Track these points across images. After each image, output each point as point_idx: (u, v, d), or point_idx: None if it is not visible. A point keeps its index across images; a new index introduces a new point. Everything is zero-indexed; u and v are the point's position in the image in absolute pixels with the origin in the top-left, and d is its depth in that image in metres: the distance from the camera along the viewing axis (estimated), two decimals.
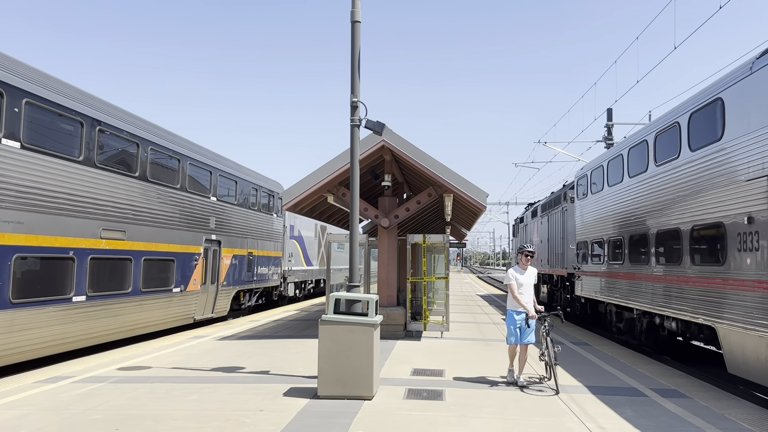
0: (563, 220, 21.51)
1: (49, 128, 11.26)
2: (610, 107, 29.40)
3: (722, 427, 6.87)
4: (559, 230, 22.22)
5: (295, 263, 27.13)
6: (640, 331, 13.90)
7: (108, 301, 12.87)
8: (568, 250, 20.13)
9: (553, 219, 23.37)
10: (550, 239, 23.88)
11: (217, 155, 19.17)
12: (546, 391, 8.59)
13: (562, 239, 21.53)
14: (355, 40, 9.51)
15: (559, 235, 22.16)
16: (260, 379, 9.14)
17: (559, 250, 22.09)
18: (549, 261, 24.07)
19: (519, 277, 9.06)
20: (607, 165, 15.78)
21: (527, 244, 9.24)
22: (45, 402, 7.67)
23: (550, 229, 23.98)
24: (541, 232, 26.06)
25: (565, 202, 21.32)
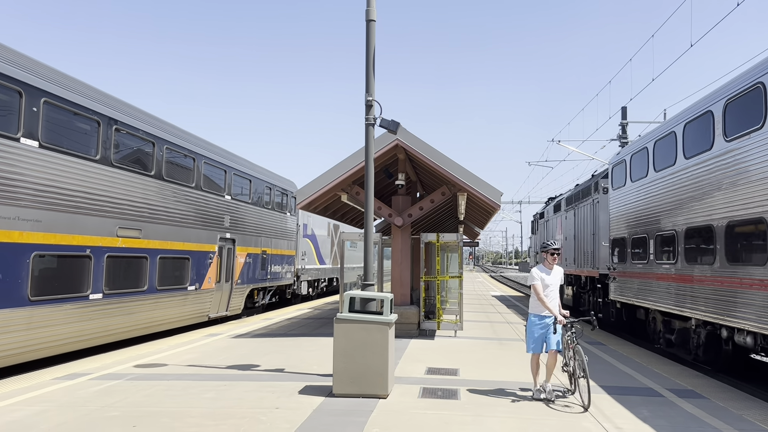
0: (593, 214, 18.95)
1: (66, 127, 11.36)
2: (624, 105, 29.22)
3: (740, 428, 6.82)
4: (588, 225, 19.71)
5: (308, 262, 27.21)
6: (697, 345, 11.77)
7: (124, 298, 12.98)
8: (600, 248, 17.73)
9: (581, 213, 20.81)
10: (577, 236, 21.31)
11: (231, 154, 19.26)
12: (573, 407, 7.61)
13: (592, 235, 18.96)
14: (370, 38, 9.52)
15: (588, 230, 19.66)
16: (275, 377, 9.18)
17: (588, 248, 19.66)
18: (576, 260, 21.47)
19: (544, 277, 8.14)
20: (653, 147, 13.42)
21: (552, 241, 8.34)
22: (63, 399, 7.75)
23: (577, 225, 21.39)
24: (566, 228, 23.52)
25: (596, 193, 18.68)
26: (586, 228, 19.87)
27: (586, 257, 19.83)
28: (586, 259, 19.90)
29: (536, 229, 32.39)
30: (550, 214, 27.82)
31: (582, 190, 20.88)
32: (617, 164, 16.05)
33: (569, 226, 22.89)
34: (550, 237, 27.42)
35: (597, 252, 18.19)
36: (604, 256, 17.35)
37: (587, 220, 19.78)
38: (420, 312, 14.24)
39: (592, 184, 19.29)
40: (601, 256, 17.64)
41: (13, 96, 10.07)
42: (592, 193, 19.27)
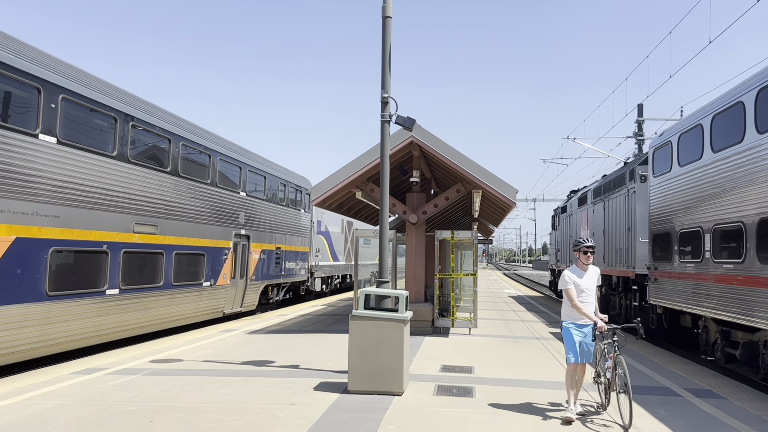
0: (628, 206, 16.76)
1: (83, 124, 11.45)
2: (641, 103, 29.00)
3: (759, 429, 6.74)
4: (621, 219, 17.53)
5: (322, 258, 27.26)
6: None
7: (140, 294, 13.07)
8: (637, 245, 15.75)
9: (613, 205, 18.59)
10: (608, 231, 19.03)
11: (246, 151, 19.33)
12: (612, 426, 6.74)
13: (627, 230, 16.79)
14: (386, 35, 9.50)
15: (621, 225, 17.49)
16: (290, 373, 9.21)
17: (621, 244, 17.56)
18: (605, 258, 19.28)
19: (578, 280, 7.11)
20: (711, 123, 11.42)
21: (585, 238, 7.33)
22: (81, 393, 7.81)
23: (608, 219, 19.13)
24: (594, 223, 21.26)
25: (631, 182, 16.52)
26: (619, 222, 17.68)
27: (619, 255, 17.69)
28: (618, 257, 17.79)
29: (557, 225, 30.19)
30: (573, 208, 25.62)
31: (614, 180, 18.63)
32: (660, 147, 13.92)
33: (598, 220, 20.67)
34: (573, 233, 25.35)
35: (633, 249, 16.11)
36: (642, 253, 15.42)
37: (620, 213, 17.62)
38: (434, 309, 14.22)
39: (627, 173, 17.08)
40: (638, 253, 15.62)
41: (31, 92, 10.16)
42: (626, 183, 17.00)
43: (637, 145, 29.20)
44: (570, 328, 7.13)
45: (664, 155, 13.75)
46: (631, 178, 16.66)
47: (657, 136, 14.55)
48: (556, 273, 30.50)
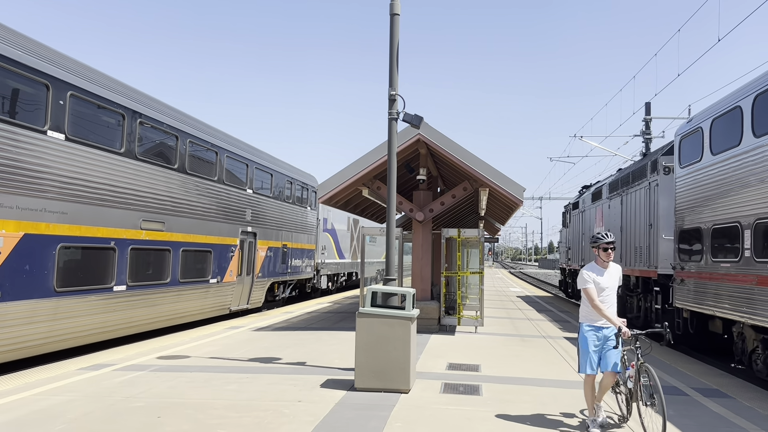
0: (650, 200, 15.36)
1: (91, 120, 11.48)
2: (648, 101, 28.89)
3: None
4: (641, 214, 16.12)
5: (328, 256, 27.29)
6: None
7: (147, 291, 13.11)
8: (660, 242, 14.39)
9: (632, 200, 17.23)
10: (625, 227, 17.66)
11: (253, 148, 19.35)
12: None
13: (648, 227, 15.38)
14: (394, 33, 9.48)
15: (641, 220, 16.11)
16: (297, 370, 9.22)
17: (641, 242, 16.17)
18: (623, 257, 17.94)
19: (598, 279, 6.49)
20: (752, 104, 10.17)
21: (604, 234, 6.61)
22: (88, 389, 7.84)
23: (626, 214, 17.76)
24: (609, 219, 19.86)
25: (653, 174, 15.13)
26: (639, 218, 16.30)
27: (639, 253, 16.28)
28: (638, 256, 16.37)
29: (568, 222, 28.59)
30: (586, 204, 24.19)
31: (633, 172, 17.28)
32: (688, 134, 12.58)
33: (614, 216, 19.18)
34: (586, 230, 23.91)
35: (655, 247, 14.71)
36: (666, 251, 14.16)
37: (640, 207, 16.23)
38: (440, 307, 14.21)
39: (648, 164, 15.65)
40: (661, 251, 14.31)
41: (40, 89, 10.19)
42: (647, 175, 15.61)
43: (645, 143, 29.11)
44: (588, 331, 6.48)
45: (693, 143, 12.34)
46: (653, 170, 15.25)
47: (685, 122, 12.95)
48: (567, 272, 29.27)
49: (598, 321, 6.47)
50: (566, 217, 29.33)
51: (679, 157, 12.91)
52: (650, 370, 6.15)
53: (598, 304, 6.37)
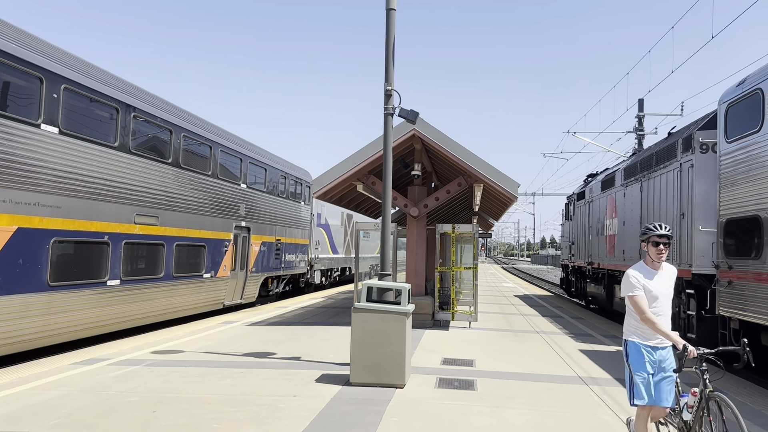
0: (682, 185, 12.82)
1: (85, 114, 11.42)
2: (641, 98, 29.02)
3: (760, 424, 6.77)
4: (668, 202, 13.68)
5: (321, 251, 27.28)
6: None
7: (141, 285, 13.07)
8: (695, 235, 12.00)
9: (655, 186, 14.66)
10: (647, 218, 15.26)
11: (247, 142, 19.30)
12: None
13: (679, 216, 12.88)
14: (390, 28, 9.47)
15: (669, 209, 13.64)
16: (291, 365, 9.22)
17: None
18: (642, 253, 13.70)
19: (649, 283, 5.12)
20: None
21: (657, 224, 5.18)
22: (82, 383, 7.82)
23: (647, 203, 15.24)
24: (625, 209, 17.37)
25: (686, 153, 12.68)
26: (666, 206, 13.88)
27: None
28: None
29: (572, 214, 26.05)
30: (595, 193, 21.53)
31: (657, 154, 14.73)
32: (739, 100, 10.40)
33: (631, 205, 16.70)
34: (594, 222, 21.34)
35: (688, 241, 12.29)
36: (703, 247, 11.87)
37: (667, 194, 13.81)
38: (435, 302, 14.24)
39: (679, 142, 13.19)
40: (697, 246, 11.96)
41: (33, 82, 10.13)
42: (678, 155, 13.15)
43: (637, 140, 29.24)
44: (639, 351, 5.14)
45: (747, 110, 10.22)
46: (686, 149, 12.72)
47: (733, 86, 10.72)
48: (570, 270, 26.67)
49: (652, 338, 5.13)
50: (569, 208, 26.89)
51: (726, 130, 10.72)
52: (726, 401, 4.73)
53: (651, 317, 5.02)
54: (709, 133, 12.00)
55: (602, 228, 19.59)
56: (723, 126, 10.81)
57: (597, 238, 20.31)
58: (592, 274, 21.37)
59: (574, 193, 25.57)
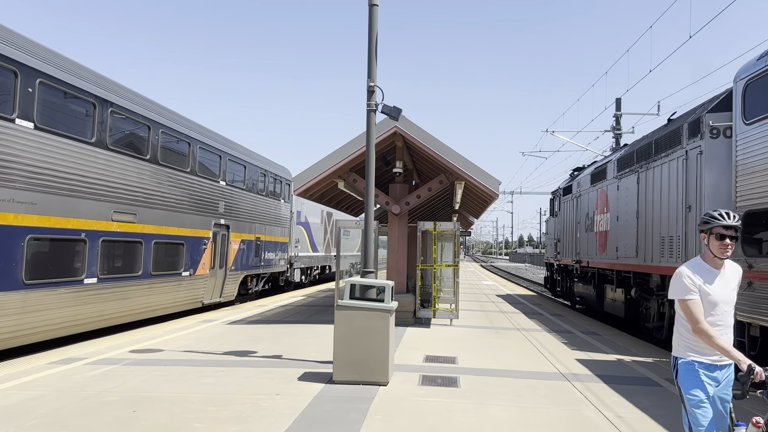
0: (688, 174, 11.65)
1: (61, 109, 11.20)
2: (618, 97, 29.34)
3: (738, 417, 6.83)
4: (671, 194, 12.46)
5: (301, 249, 27.15)
6: None
7: (119, 283, 12.87)
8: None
9: (655, 177, 13.38)
10: (644, 213, 13.92)
11: (226, 139, 19.12)
12: None
13: (685, 210, 11.71)
14: (373, 24, 9.41)
15: (672, 202, 12.41)
16: (273, 364, 9.13)
17: (669, 230, 12.48)
18: (638, 249, 14.12)
19: (708, 287, 4.16)
20: None
21: (721, 213, 4.20)
22: (59, 383, 7.67)
23: (646, 195, 13.89)
24: (619, 204, 15.86)
25: (693, 139, 11.48)
26: (669, 199, 12.60)
27: (666, 246, 12.57)
28: (666, 249, 12.57)
29: (557, 210, 24.40)
30: (583, 187, 20.01)
31: (657, 142, 13.41)
32: (758, 76, 9.36)
33: (627, 198, 15.29)
34: (582, 218, 19.82)
35: (696, 236, 11.19)
36: None
37: (670, 185, 12.55)
38: (416, 300, 14.23)
39: (684, 127, 11.96)
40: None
41: (8, 76, 9.91)
42: (682, 142, 12.00)
43: (615, 138, 29.55)
44: (695, 371, 4.13)
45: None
46: (692, 134, 11.56)
47: (753, 60, 9.74)
48: (555, 268, 25.15)
49: (710, 355, 4.13)
50: (554, 204, 25.27)
51: (744, 110, 9.66)
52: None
53: (706, 328, 4.05)
54: (720, 116, 10.80)
55: (592, 224, 18.49)
56: (740, 106, 9.71)
57: (586, 234, 19.17)
58: (580, 273, 20.39)
59: (560, 188, 24.03)
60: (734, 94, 9.95)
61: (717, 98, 11.24)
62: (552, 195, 26.25)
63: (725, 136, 10.72)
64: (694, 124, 11.55)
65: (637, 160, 14.60)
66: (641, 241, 13.99)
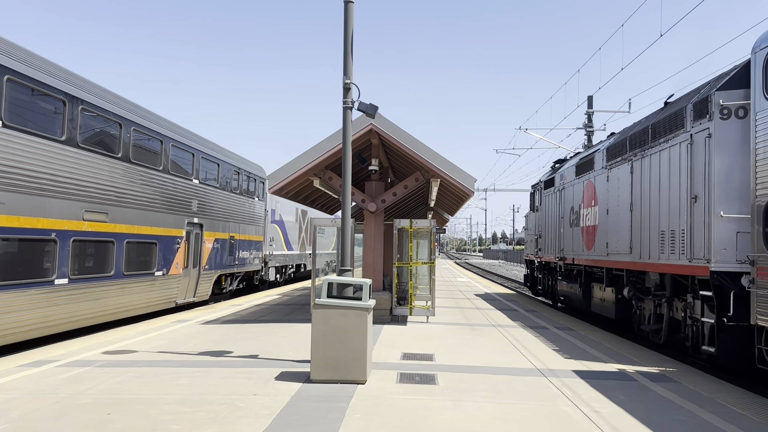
0: (693, 161, 10.38)
1: (30, 107, 10.96)
2: (590, 95, 29.65)
3: (713, 411, 6.96)
4: (673, 183, 11.14)
5: (276, 248, 26.98)
6: None
7: (90, 284, 12.65)
8: (715, 223, 9.59)
9: (653, 165, 12.10)
10: (640, 204, 12.63)
11: (199, 137, 18.90)
12: None
13: (690, 200, 10.39)
14: (348, 20, 9.37)
15: (674, 192, 11.09)
16: (250, 363, 9.05)
17: (670, 224, 11.17)
18: (633, 245, 12.88)
19: None
20: None
21: None
22: (31, 386, 7.50)
23: (642, 186, 12.58)
24: (608, 196, 14.60)
25: (699, 121, 10.24)
26: (669, 189, 11.32)
27: (667, 240, 11.28)
28: (666, 245, 11.34)
29: (538, 205, 23.02)
30: (567, 180, 18.65)
31: (655, 126, 12.15)
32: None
33: (617, 191, 14.04)
34: (566, 212, 18.63)
35: (704, 230, 9.91)
36: (725, 237, 9.52)
37: (671, 174, 11.28)
38: (392, 298, 14.22)
39: (688, 108, 10.71)
40: (717, 237, 9.57)
41: None
42: (686, 125, 10.75)
43: (587, 136, 29.86)
44: None
45: None
46: (699, 116, 10.30)
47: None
48: (536, 266, 23.82)
49: None
50: (535, 198, 23.87)
51: (765, 85, 8.52)
52: None
53: None
54: (731, 94, 9.69)
55: (578, 218, 17.27)
56: (761, 80, 8.59)
57: (571, 230, 17.90)
58: (564, 271, 19.02)
59: (541, 181, 22.55)
60: (753, 67, 8.80)
61: (727, 75, 10.02)
62: (532, 189, 24.88)
63: (738, 117, 9.60)
64: (700, 104, 10.28)
65: (631, 148, 13.31)
66: (636, 236, 12.79)
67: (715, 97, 9.77)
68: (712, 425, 6.40)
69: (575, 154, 20.38)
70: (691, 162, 10.50)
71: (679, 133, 11.04)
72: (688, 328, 10.75)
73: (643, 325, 12.73)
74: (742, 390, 8.20)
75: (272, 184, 13.52)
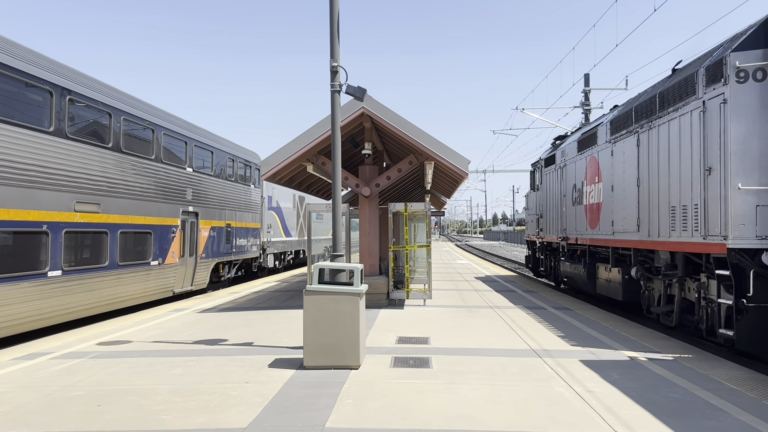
0: (706, 131, 9.58)
1: (17, 98, 10.84)
2: (587, 73, 29.41)
3: (708, 388, 6.93)
4: (687, 154, 10.22)
5: (274, 234, 26.93)
6: None
7: (84, 275, 12.61)
8: (732, 196, 8.88)
9: (661, 136, 11.24)
10: (647, 179, 11.85)
11: (192, 125, 18.77)
12: None
13: (706, 173, 9.53)
14: (334, 3, 9.23)
15: (687, 164, 10.21)
16: (244, 351, 9.03)
17: (682, 198, 10.40)
18: (640, 222, 12.13)
19: None
20: None
21: None
22: (23, 379, 7.48)
23: (649, 159, 11.74)
24: (613, 171, 13.80)
25: (711, 88, 9.46)
26: (681, 161, 10.49)
27: (680, 216, 10.47)
28: (677, 221, 10.55)
29: (538, 184, 22.14)
30: (569, 156, 17.86)
31: (662, 94, 11.33)
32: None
33: (622, 165, 13.26)
34: (568, 190, 17.79)
35: (720, 204, 9.14)
36: (743, 211, 8.80)
37: (682, 145, 10.43)
38: (389, 282, 14.19)
39: (699, 73, 9.93)
40: (735, 212, 8.83)
41: None
42: (698, 91, 9.92)
43: (584, 114, 29.66)
44: None
45: None
46: (713, 80, 9.46)
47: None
48: (538, 246, 23.16)
49: None
50: (535, 177, 22.98)
51: None
52: None
53: None
54: (749, 55, 8.85)
55: (580, 196, 16.49)
56: None
57: (573, 208, 17.17)
58: (567, 251, 18.37)
59: (541, 159, 21.69)
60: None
61: (743, 34, 9.24)
62: (532, 167, 23.92)
63: (756, 80, 8.83)
64: (714, 68, 9.45)
65: (636, 120, 12.43)
66: (644, 213, 12.02)
67: (731, 58, 8.96)
68: (708, 403, 6.36)
69: (576, 129, 19.57)
70: (704, 131, 9.70)
71: (690, 101, 10.20)
72: (703, 310, 10.09)
73: (653, 307, 12.12)
74: (738, 366, 8.15)
75: (265, 171, 13.43)
